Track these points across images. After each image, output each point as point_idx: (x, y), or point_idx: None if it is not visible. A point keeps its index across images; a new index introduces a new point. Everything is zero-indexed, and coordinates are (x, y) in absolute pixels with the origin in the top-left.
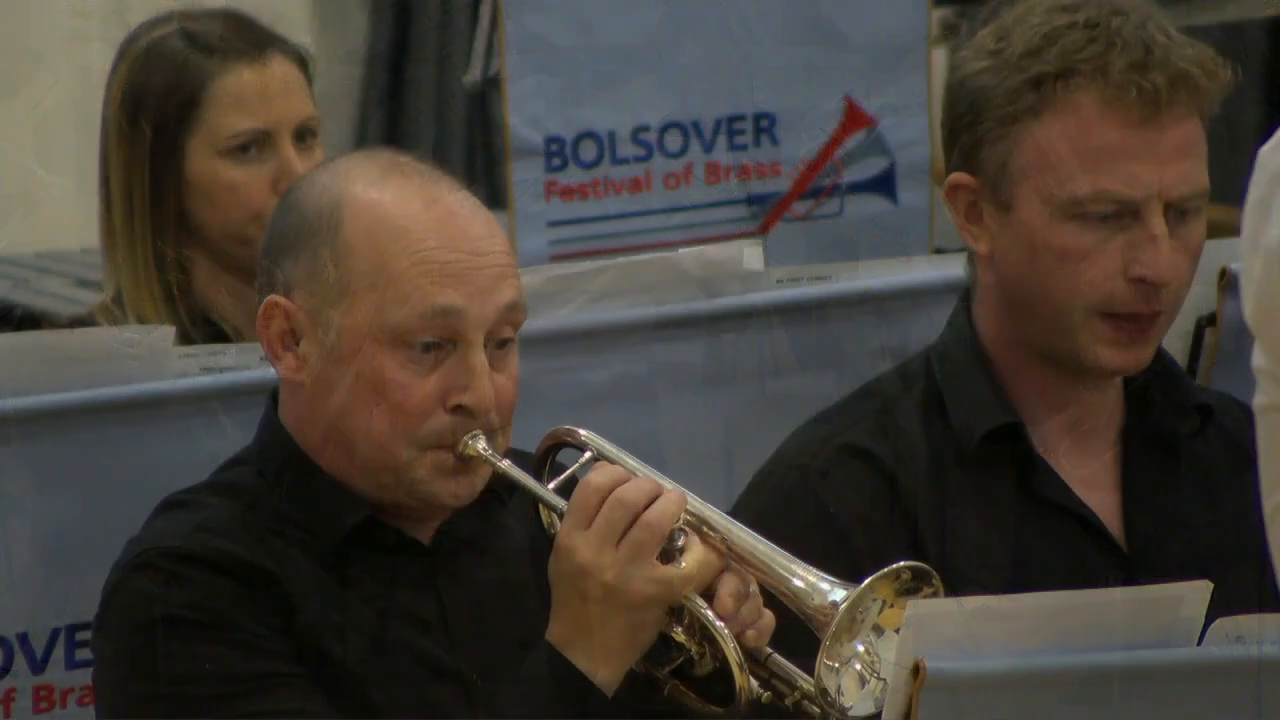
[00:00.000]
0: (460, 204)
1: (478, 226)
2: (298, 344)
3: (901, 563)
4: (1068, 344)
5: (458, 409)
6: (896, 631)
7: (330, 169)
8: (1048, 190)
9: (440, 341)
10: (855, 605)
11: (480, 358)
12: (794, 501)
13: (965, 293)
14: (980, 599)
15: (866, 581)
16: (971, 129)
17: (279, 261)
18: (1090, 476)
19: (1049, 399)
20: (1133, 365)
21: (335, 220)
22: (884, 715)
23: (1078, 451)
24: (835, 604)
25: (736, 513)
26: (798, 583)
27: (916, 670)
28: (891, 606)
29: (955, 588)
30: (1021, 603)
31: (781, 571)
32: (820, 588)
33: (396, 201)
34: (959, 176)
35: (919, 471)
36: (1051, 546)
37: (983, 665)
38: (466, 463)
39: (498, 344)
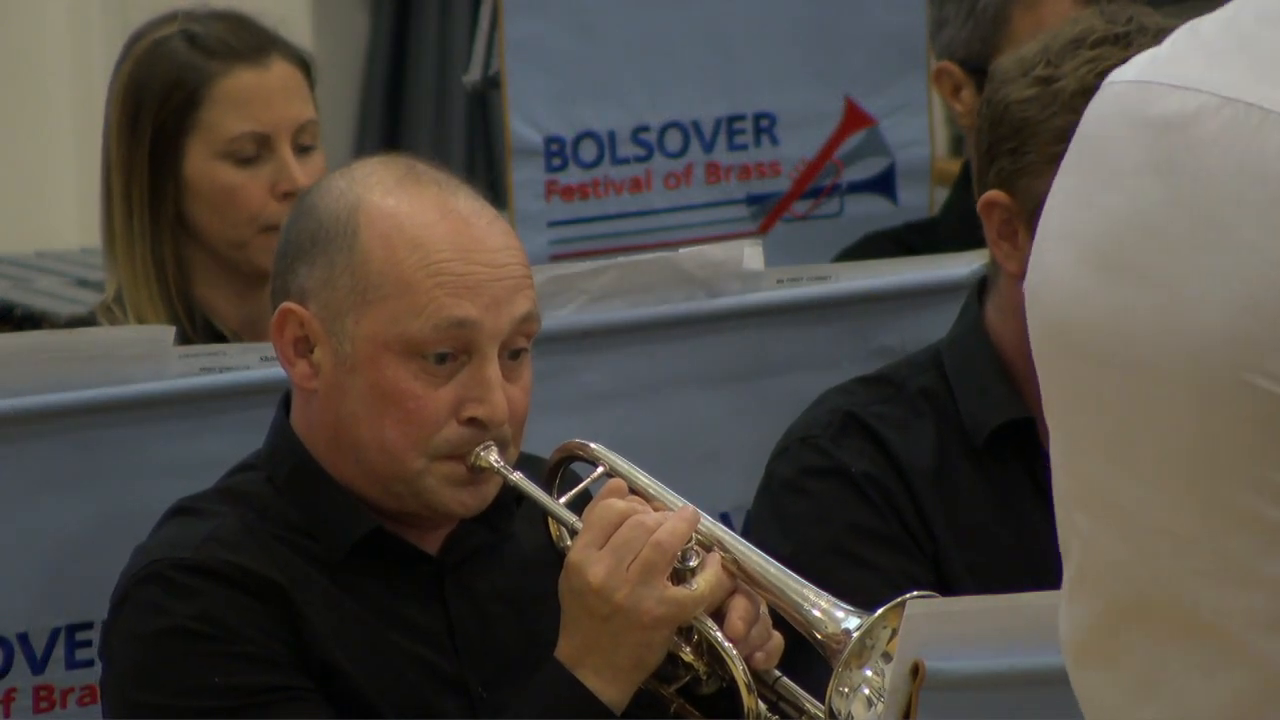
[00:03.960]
0: (477, 214)
1: (494, 238)
2: (311, 351)
3: (914, 593)
4: None
5: (471, 421)
6: None
7: (347, 175)
8: None
9: (454, 353)
10: (867, 633)
11: (494, 370)
12: (809, 467)
13: (977, 288)
14: (980, 599)
15: (880, 611)
16: (1013, 156)
17: (294, 268)
18: None
19: None
20: None
21: (351, 228)
22: (883, 715)
23: None
24: (848, 632)
25: (758, 495)
26: (812, 610)
27: (916, 670)
28: None
29: (961, 578)
30: (1021, 603)
31: (794, 597)
32: (835, 615)
33: (413, 211)
34: (996, 195)
35: (926, 461)
36: (1055, 541)
37: (983, 665)
38: (478, 474)
39: (511, 354)
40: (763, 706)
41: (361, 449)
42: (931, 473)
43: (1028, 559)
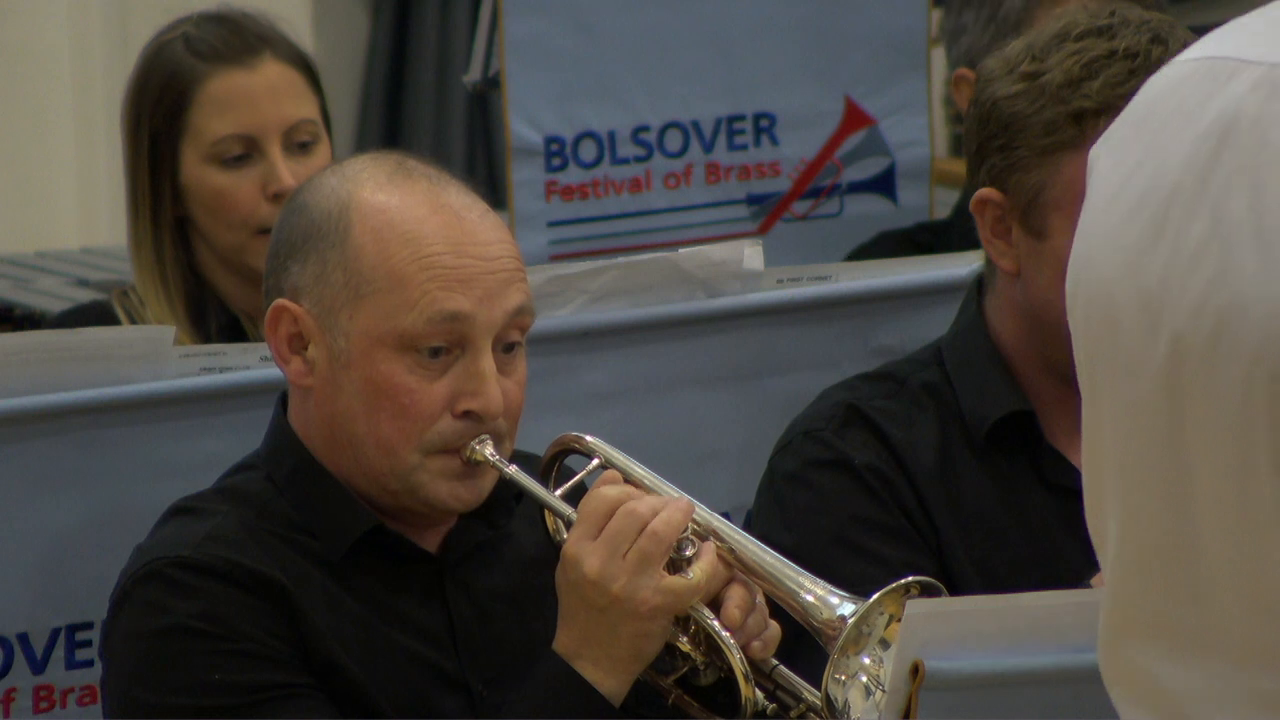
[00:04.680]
0: (468, 208)
1: (486, 231)
2: (306, 348)
3: (910, 578)
4: None
5: (466, 414)
6: None
7: (338, 172)
8: None
9: (448, 346)
10: (863, 619)
11: (489, 363)
12: (813, 459)
13: (976, 285)
14: (980, 599)
15: (875, 596)
16: (1004, 152)
17: (286, 265)
18: None
19: (1058, 392)
20: None
21: (343, 224)
22: (883, 715)
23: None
24: (844, 618)
25: (761, 489)
26: (806, 596)
27: (915, 670)
28: (899, 621)
29: (964, 569)
30: (1021, 602)
31: (790, 585)
32: (829, 601)
33: (405, 206)
34: (988, 192)
35: (929, 455)
36: (1062, 529)
37: (983, 665)
38: (473, 468)
39: (505, 348)
40: (760, 695)
41: (357, 445)
42: (934, 466)
43: (1031, 550)
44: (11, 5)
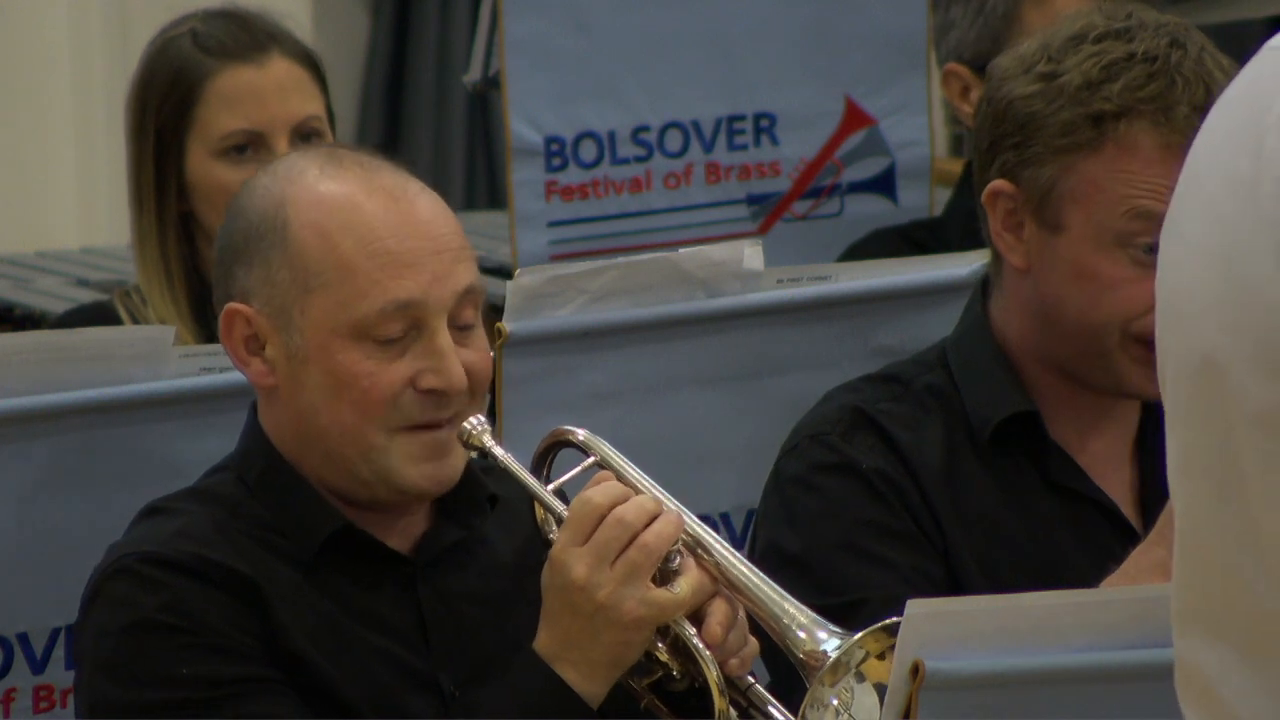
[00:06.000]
0: (403, 187)
1: (423, 211)
2: (263, 349)
3: (893, 619)
4: (1102, 365)
5: (429, 392)
6: (875, 686)
7: (269, 171)
8: (1098, 220)
9: (403, 332)
10: (844, 654)
11: (445, 339)
12: (820, 464)
13: (981, 285)
14: (979, 599)
15: (858, 636)
16: (1019, 149)
17: (232, 270)
18: (1105, 461)
19: (1064, 390)
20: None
21: (281, 222)
22: (883, 715)
23: (1092, 438)
24: (825, 653)
25: (766, 493)
26: (788, 622)
27: (916, 670)
28: (881, 658)
29: (971, 572)
30: (1022, 602)
31: (773, 608)
32: (816, 635)
33: (340, 194)
34: (1001, 184)
35: (934, 457)
36: (1068, 532)
37: (983, 665)
38: (441, 445)
39: (460, 327)
40: (734, 712)
41: (325, 437)
42: (940, 469)
43: (1037, 551)
44: (11, 5)
